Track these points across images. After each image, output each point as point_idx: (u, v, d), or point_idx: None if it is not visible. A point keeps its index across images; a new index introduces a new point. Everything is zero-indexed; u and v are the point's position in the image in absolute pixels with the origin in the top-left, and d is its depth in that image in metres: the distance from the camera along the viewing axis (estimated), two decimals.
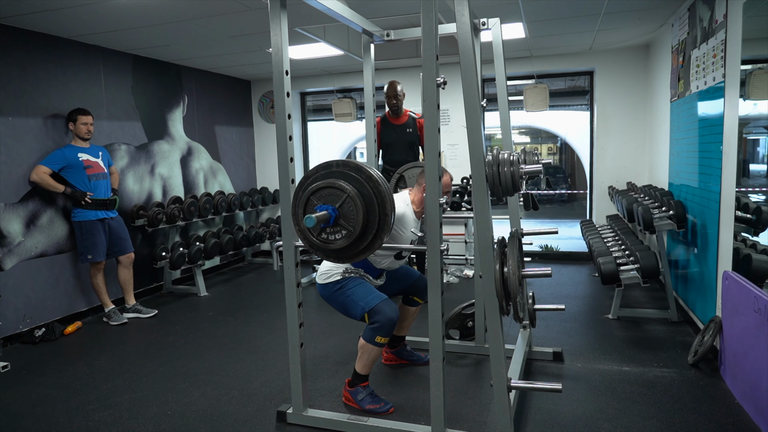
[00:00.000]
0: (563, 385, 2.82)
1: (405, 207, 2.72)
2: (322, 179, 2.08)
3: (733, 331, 2.76)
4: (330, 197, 2.04)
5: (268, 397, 2.87)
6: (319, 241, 2.09)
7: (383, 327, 2.55)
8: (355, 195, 2.01)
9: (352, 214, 2.01)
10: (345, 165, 2.09)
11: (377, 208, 2.04)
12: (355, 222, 2.01)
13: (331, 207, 2.03)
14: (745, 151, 3.31)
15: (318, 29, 4.34)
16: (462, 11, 1.99)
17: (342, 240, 2.05)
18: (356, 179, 2.05)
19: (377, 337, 2.57)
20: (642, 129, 5.56)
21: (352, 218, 2.01)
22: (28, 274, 3.97)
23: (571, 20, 4.30)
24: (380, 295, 2.63)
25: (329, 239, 2.07)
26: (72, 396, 2.96)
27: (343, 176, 2.06)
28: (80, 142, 4.13)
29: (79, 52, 4.39)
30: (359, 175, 2.05)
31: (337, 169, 2.09)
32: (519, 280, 1.99)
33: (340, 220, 2.04)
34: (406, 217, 2.69)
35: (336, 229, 2.06)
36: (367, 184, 2.04)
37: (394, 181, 3.53)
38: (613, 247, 4.14)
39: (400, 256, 2.80)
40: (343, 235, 2.05)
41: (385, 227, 2.06)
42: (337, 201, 2.03)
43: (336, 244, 2.07)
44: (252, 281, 5.65)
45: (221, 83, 6.26)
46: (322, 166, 2.12)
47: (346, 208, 2.02)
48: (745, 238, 3.20)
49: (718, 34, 3.11)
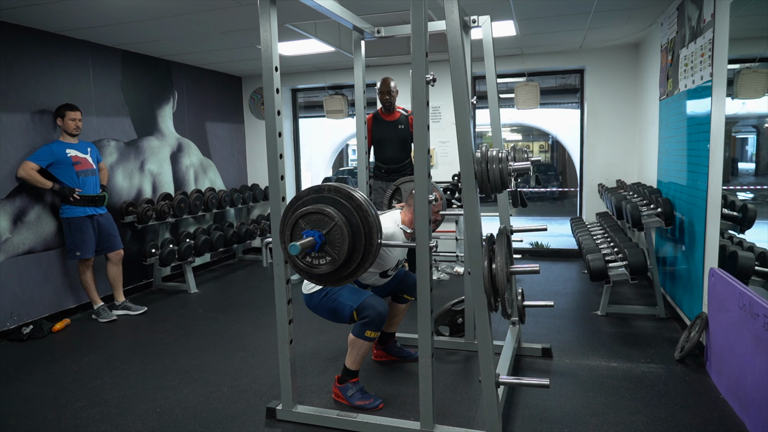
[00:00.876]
0: (552, 380, 2.86)
1: (394, 227, 2.71)
2: (312, 203, 2.09)
3: (718, 327, 2.80)
4: (318, 222, 2.06)
5: (258, 394, 2.87)
6: (304, 264, 2.11)
7: (373, 321, 2.56)
8: (342, 223, 2.02)
9: (338, 241, 2.03)
10: (336, 191, 2.09)
11: (363, 238, 2.06)
12: (341, 250, 2.03)
13: (318, 233, 2.04)
14: (733, 149, 3.35)
15: (309, 26, 4.34)
16: (451, 8, 1.99)
17: (326, 266, 2.07)
18: (346, 207, 2.06)
19: (367, 332, 2.58)
20: (631, 127, 5.60)
21: (338, 245, 2.03)
22: (16, 270, 3.93)
23: (561, 18, 4.31)
24: (364, 293, 2.64)
25: (313, 263, 2.09)
26: (60, 394, 2.95)
27: (333, 203, 2.08)
28: (68, 137, 4.10)
29: (68, 47, 4.36)
30: (349, 203, 2.07)
31: (328, 195, 2.10)
32: (507, 277, 2.00)
33: (326, 247, 2.06)
34: (395, 237, 2.68)
35: (321, 255, 2.08)
36: (356, 213, 2.06)
37: (389, 193, 3.52)
38: (602, 244, 4.17)
39: (385, 275, 2.81)
40: (327, 261, 2.07)
41: (370, 256, 2.09)
42: (324, 227, 2.04)
43: (320, 269, 2.09)
44: (242, 278, 5.63)
45: (212, 79, 6.23)
46: (313, 189, 2.13)
47: (333, 235, 2.04)
48: (732, 235, 3.24)
49: (705, 34, 3.14)
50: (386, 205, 3.48)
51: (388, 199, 3.53)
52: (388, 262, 2.73)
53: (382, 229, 2.15)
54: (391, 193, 3.53)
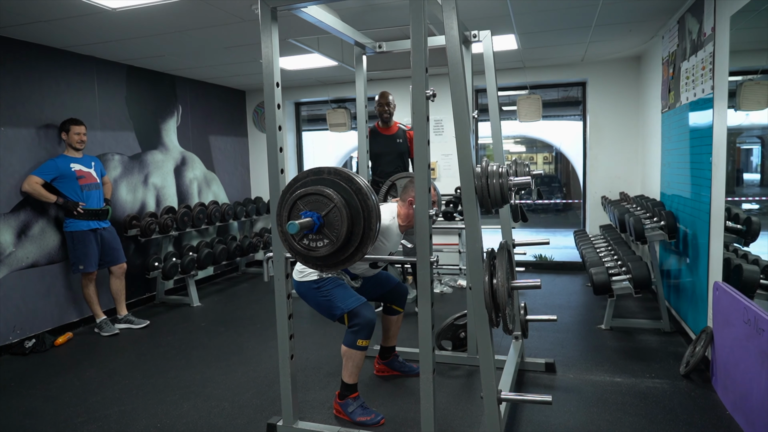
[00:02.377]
0: (555, 396, 2.82)
1: (391, 220, 2.73)
2: (311, 185, 2.06)
3: (723, 341, 2.77)
4: (317, 204, 2.02)
5: (259, 409, 2.85)
6: (301, 246, 2.07)
7: (363, 329, 2.58)
8: (342, 205, 2.00)
9: (336, 223, 2.00)
10: (336, 173, 2.07)
11: (363, 222, 2.03)
12: (339, 232, 2.00)
13: (316, 215, 2.01)
14: (738, 160, 3.33)
15: (312, 40, 4.37)
16: (451, 24, 2.00)
17: (324, 248, 2.03)
18: (345, 189, 2.04)
19: (358, 341, 2.59)
20: (634, 139, 5.60)
21: (337, 228, 2.00)
22: (19, 284, 3.94)
23: (562, 32, 4.33)
24: (359, 298, 2.66)
25: (311, 246, 2.06)
26: (61, 408, 2.94)
27: (333, 185, 2.05)
28: (73, 152, 4.13)
29: (73, 62, 4.40)
30: (349, 185, 2.04)
31: (327, 177, 2.07)
32: (508, 292, 1.99)
33: (324, 229, 2.02)
34: (390, 229, 2.71)
35: (319, 237, 2.04)
36: (356, 195, 2.04)
37: (385, 189, 3.52)
38: (606, 258, 4.15)
39: (375, 266, 2.82)
40: (325, 244, 2.03)
41: (368, 241, 2.06)
42: (323, 209, 2.01)
43: (318, 252, 2.05)
44: (245, 291, 5.63)
45: (216, 93, 6.28)
46: (313, 171, 2.11)
47: (331, 217, 2.01)
48: (737, 248, 3.22)
49: (706, 47, 3.14)
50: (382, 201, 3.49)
51: (384, 194, 3.52)
52: (381, 253, 2.73)
53: (379, 213, 2.13)
54: (387, 188, 3.51)
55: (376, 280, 3.01)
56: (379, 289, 3.01)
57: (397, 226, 2.76)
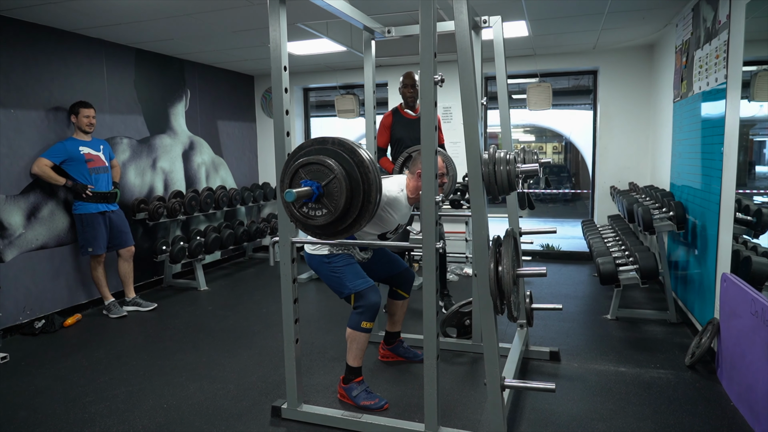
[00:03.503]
0: (559, 384, 2.83)
1: (399, 192, 2.71)
2: (314, 154, 2.06)
3: (730, 333, 2.75)
4: (318, 174, 2.03)
5: (264, 392, 2.88)
6: (300, 214, 2.09)
7: (367, 311, 2.60)
8: (342, 177, 1.99)
9: (336, 194, 2.00)
10: (340, 144, 2.07)
11: (362, 194, 2.03)
12: (338, 203, 2.00)
13: (316, 184, 2.02)
14: (751, 152, 3.29)
15: (320, 25, 4.35)
16: (461, 9, 1.98)
17: (322, 218, 2.04)
18: (347, 161, 2.03)
19: (363, 323, 2.61)
20: (645, 129, 5.54)
21: (336, 199, 2.00)
22: (29, 266, 3.99)
23: (574, 19, 4.27)
24: (368, 280, 2.67)
25: (310, 214, 2.07)
26: (69, 388, 2.98)
27: (335, 155, 2.05)
28: (82, 135, 4.14)
29: (82, 45, 4.40)
30: (351, 157, 2.04)
31: (331, 147, 2.07)
32: (513, 280, 1.99)
33: (323, 199, 2.03)
34: (398, 201, 2.69)
35: (318, 206, 2.05)
36: (358, 168, 2.03)
37: (401, 161, 3.48)
38: (613, 248, 4.13)
39: (384, 237, 2.79)
40: (324, 214, 2.04)
41: (366, 214, 2.06)
42: (323, 179, 2.02)
43: (316, 221, 2.06)
44: (252, 276, 5.66)
45: (224, 78, 6.27)
46: (317, 141, 2.10)
47: (331, 188, 2.01)
48: (746, 240, 3.19)
49: (721, 35, 3.09)
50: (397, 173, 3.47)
51: (400, 166, 3.48)
52: (388, 225, 2.72)
53: (382, 189, 2.13)
54: (403, 160, 3.48)
55: (386, 260, 3.00)
56: (387, 269, 3.00)
57: (406, 198, 2.73)
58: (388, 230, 2.76)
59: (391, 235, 2.82)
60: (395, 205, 2.68)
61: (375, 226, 2.70)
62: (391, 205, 2.66)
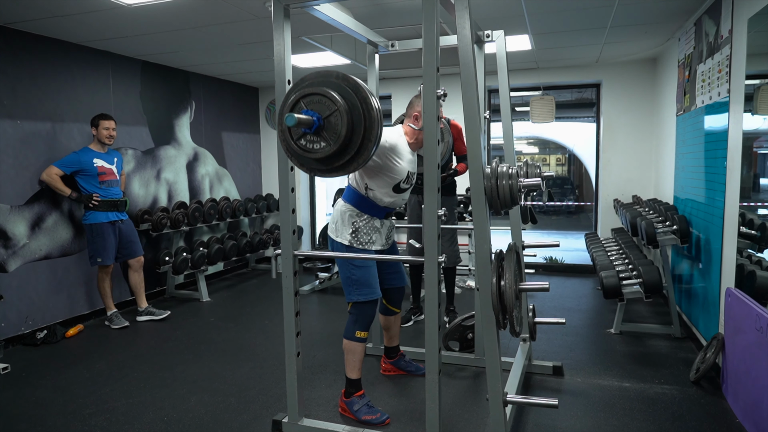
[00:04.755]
0: (562, 400, 2.81)
1: (398, 137, 2.67)
2: (317, 86, 2.02)
3: (735, 349, 2.73)
4: (319, 105, 1.98)
5: (265, 405, 2.86)
6: (298, 146, 2.04)
7: (359, 320, 2.66)
8: (344, 110, 1.96)
9: (336, 127, 1.96)
10: (344, 79, 2.03)
11: (363, 130, 1.99)
12: (337, 137, 1.96)
13: (317, 115, 1.98)
14: (755, 165, 3.28)
15: (325, 39, 4.38)
16: (463, 24, 1.99)
17: (321, 151, 1.99)
18: (351, 95, 2.00)
19: (357, 332, 2.65)
20: (648, 142, 5.54)
21: (335, 132, 1.96)
22: (32, 276, 4.00)
23: (577, 33, 4.30)
24: (374, 291, 2.67)
25: (308, 147, 2.03)
26: (70, 400, 2.97)
27: (339, 89, 2.01)
28: (99, 146, 4.17)
29: (89, 57, 4.45)
30: (355, 93, 2.01)
31: (335, 80, 2.03)
32: (516, 294, 1.98)
33: (322, 131, 1.99)
34: (399, 147, 2.64)
35: (316, 139, 2.01)
36: (361, 104, 2.00)
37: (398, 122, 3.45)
38: (617, 261, 4.11)
39: (399, 189, 2.72)
40: (322, 147, 2.00)
41: (365, 151, 2.02)
42: (325, 111, 1.98)
43: (314, 154, 2.02)
44: (255, 287, 5.65)
45: (229, 90, 6.31)
46: (321, 74, 2.07)
47: (332, 121, 1.97)
48: (751, 254, 3.17)
49: (723, 50, 3.10)
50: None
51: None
52: (398, 173, 2.66)
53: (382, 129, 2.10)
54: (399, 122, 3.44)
55: (393, 270, 2.99)
56: (389, 279, 2.98)
57: (407, 143, 2.69)
58: (399, 179, 2.68)
59: (405, 185, 2.75)
60: (398, 151, 2.63)
61: (385, 177, 2.64)
62: (394, 150, 2.61)
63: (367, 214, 2.71)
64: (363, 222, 2.70)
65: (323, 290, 5.39)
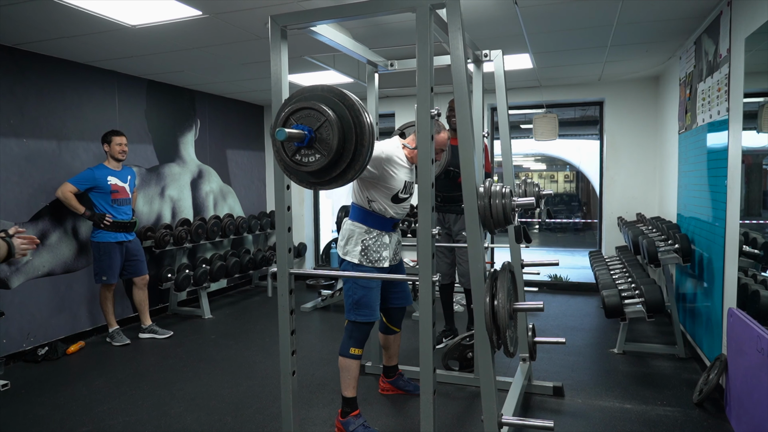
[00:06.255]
0: (561, 421, 2.77)
1: (394, 149, 2.72)
2: (305, 100, 2.05)
3: (737, 370, 2.68)
4: (309, 119, 2.01)
5: (261, 425, 2.84)
6: (293, 162, 2.06)
7: (353, 337, 2.70)
8: (333, 120, 1.98)
9: (328, 138, 1.98)
10: (330, 90, 2.07)
11: (354, 137, 2.01)
12: (330, 147, 1.98)
13: (308, 128, 2.00)
14: (765, 182, 3.26)
15: (328, 58, 4.43)
16: (456, 44, 2.01)
17: (316, 163, 2.01)
18: (338, 105, 2.03)
19: (351, 349, 2.68)
20: (652, 160, 5.52)
21: (328, 143, 1.98)
22: (35, 292, 4.02)
23: (577, 52, 4.32)
24: (374, 314, 2.70)
25: (303, 161, 2.04)
26: (67, 417, 2.96)
27: (325, 100, 2.04)
28: (113, 163, 4.23)
29: (95, 76, 4.52)
30: (342, 101, 2.04)
31: (320, 93, 2.07)
32: (510, 314, 1.96)
33: (315, 143, 2.01)
34: (395, 158, 2.68)
35: (310, 152, 2.03)
36: (349, 111, 2.02)
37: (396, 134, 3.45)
38: (620, 280, 4.07)
39: (397, 199, 2.74)
40: (317, 159, 2.02)
41: (360, 158, 2.03)
42: (315, 124, 2.00)
43: (309, 167, 2.03)
44: (257, 305, 5.65)
45: (234, 108, 6.38)
46: (307, 89, 2.11)
47: (323, 132, 1.99)
48: (755, 273, 3.13)
49: (722, 68, 3.10)
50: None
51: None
52: (395, 184, 2.69)
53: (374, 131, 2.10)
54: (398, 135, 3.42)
55: (399, 289, 2.99)
56: (393, 299, 2.97)
57: (404, 155, 2.74)
58: (397, 189, 2.71)
59: (404, 195, 2.77)
60: (394, 162, 2.67)
61: (383, 189, 2.68)
62: (390, 161, 2.65)
63: (376, 229, 2.73)
64: (372, 239, 2.72)
65: (325, 308, 5.37)
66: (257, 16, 3.26)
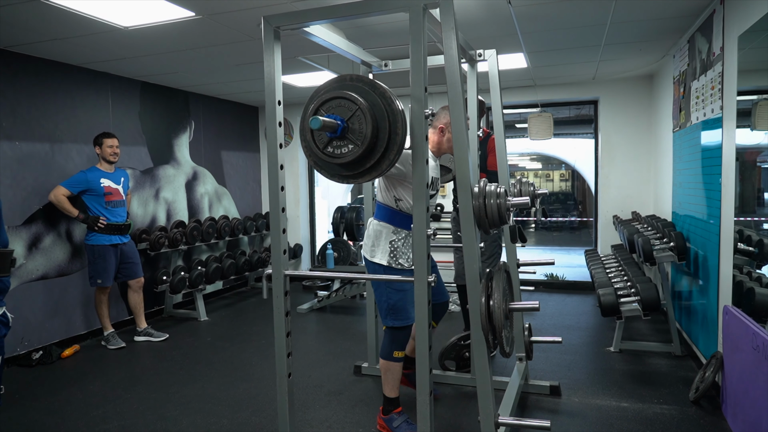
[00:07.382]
0: (558, 421, 2.77)
1: None
2: (335, 90, 2.00)
3: (733, 367, 2.69)
4: (340, 109, 1.95)
5: (257, 427, 2.83)
6: (325, 155, 2.00)
7: (395, 341, 2.64)
8: (366, 109, 1.93)
9: (361, 127, 1.93)
10: (359, 79, 2.03)
11: (388, 125, 1.96)
12: (364, 136, 1.92)
13: (340, 118, 1.95)
14: (759, 180, 3.27)
15: (322, 58, 4.42)
16: (450, 44, 2.01)
17: (349, 154, 1.95)
18: (369, 93, 1.98)
19: (394, 352, 2.63)
20: (646, 158, 5.53)
21: (361, 132, 1.93)
22: (29, 296, 3.99)
23: (571, 51, 4.32)
24: (410, 317, 2.62)
25: (335, 153, 1.98)
26: (62, 422, 2.95)
27: (355, 89, 1.99)
28: (106, 165, 4.20)
29: (88, 78, 4.50)
30: (372, 90, 1.99)
31: (350, 82, 2.02)
32: (505, 314, 1.96)
33: (347, 134, 1.95)
34: None
35: (343, 143, 1.97)
36: (380, 99, 1.98)
37: None
38: (615, 278, 4.07)
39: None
40: (350, 149, 1.95)
41: (394, 146, 1.98)
42: (347, 113, 1.95)
43: (342, 159, 1.97)
44: (253, 306, 5.63)
45: (228, 109, 6.36)
46: (335, 80, 2.06)
47: (355, 122, 1.94)
48: (750, 270, 3.14)
49: (715, 66, 3.11)
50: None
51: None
52: None
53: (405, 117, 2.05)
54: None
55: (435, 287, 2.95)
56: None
57: (429, 150, 2.67)
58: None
59: (432, 191, 2.70)
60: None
61: (409, 185, 2.62)
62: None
63: (404, 229, 2.67)
64: (401, 241, 2.65)
65: (322, 309, 5.35)
66: (250, 17, 3.25)
